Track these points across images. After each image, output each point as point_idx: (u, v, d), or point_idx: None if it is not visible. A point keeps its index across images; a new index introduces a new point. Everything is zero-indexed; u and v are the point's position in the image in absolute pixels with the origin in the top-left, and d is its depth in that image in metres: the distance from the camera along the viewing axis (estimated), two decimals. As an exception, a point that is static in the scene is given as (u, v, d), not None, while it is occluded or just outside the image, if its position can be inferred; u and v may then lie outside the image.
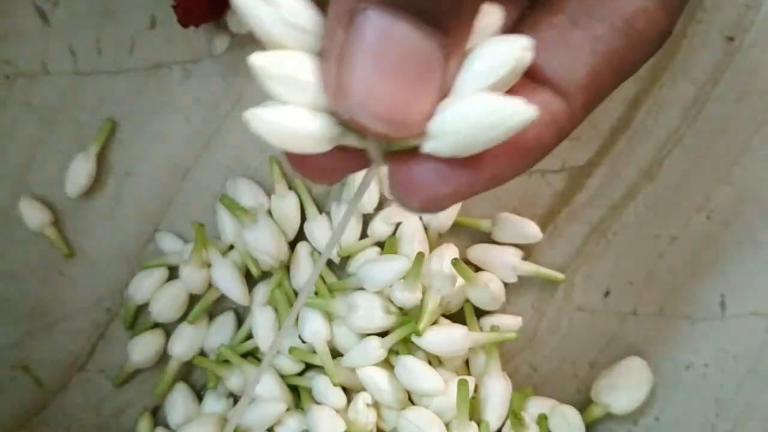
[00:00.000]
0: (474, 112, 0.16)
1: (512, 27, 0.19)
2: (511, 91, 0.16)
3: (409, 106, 0.16)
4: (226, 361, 0.33)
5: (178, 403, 0.34)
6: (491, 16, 0.17)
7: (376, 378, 0.32)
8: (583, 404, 0.33)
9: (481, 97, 0.16)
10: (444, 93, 0.16)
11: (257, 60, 0.16)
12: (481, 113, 0.16)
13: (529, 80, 0.17)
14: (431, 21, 0.15)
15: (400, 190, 0.17)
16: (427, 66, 0.16)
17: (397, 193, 0.17)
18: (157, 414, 0.35)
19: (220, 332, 0.34)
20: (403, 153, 0.17)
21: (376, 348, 0.31)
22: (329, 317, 0.33)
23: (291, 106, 0.16)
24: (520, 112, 0.16)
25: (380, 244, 0.34)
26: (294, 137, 0.16)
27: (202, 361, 0.34)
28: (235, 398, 0.34)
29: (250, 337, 0.34)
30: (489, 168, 0.17)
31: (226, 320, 0.35)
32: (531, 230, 0.33)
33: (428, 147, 0.17)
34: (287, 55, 0.16)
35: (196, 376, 0.35)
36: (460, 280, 0.32)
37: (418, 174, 0.17)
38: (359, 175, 0.32)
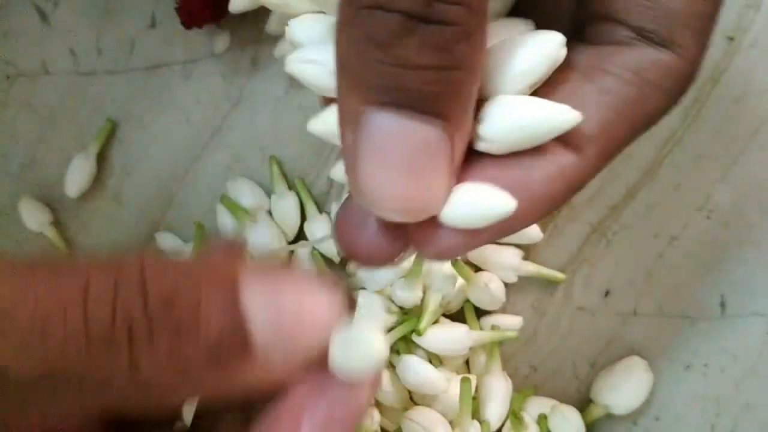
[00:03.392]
0: (521, 115, 0.17)
1: None
2: (515, 156, 0.18)
3: (422, 195, 0.17)
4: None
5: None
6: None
7: (377, 378, 0.32)
8: (583, 404, 0.33)
9: (528, 101, 0.17)
10: (454, 172, 0.17)
11: (315, 126, 0.19)
12: (529, 116, 0.17)
13: None
14: (431, 111, 0.16)
15: (418, 245, 0.18)
16: (433, 153, 0.16)
17: (415, 245, 0.18)
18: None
19: (220, 332, 0.34)
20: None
21: (377, 347, 0.31)
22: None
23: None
24: (565, 115, 0.17)
25: (380, 244, 0.34)
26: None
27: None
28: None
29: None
30: (496, 228, 0.18)
31: (226, 320, 0.34)
32: (531, 230, 0.33)
33: (481, 146, 0.18)
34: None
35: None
36: (460, 280, 0.32)
37: (436, 237, 0.18)
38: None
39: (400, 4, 0.15)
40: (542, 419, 0.32)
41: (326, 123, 0.19)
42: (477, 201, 0.17)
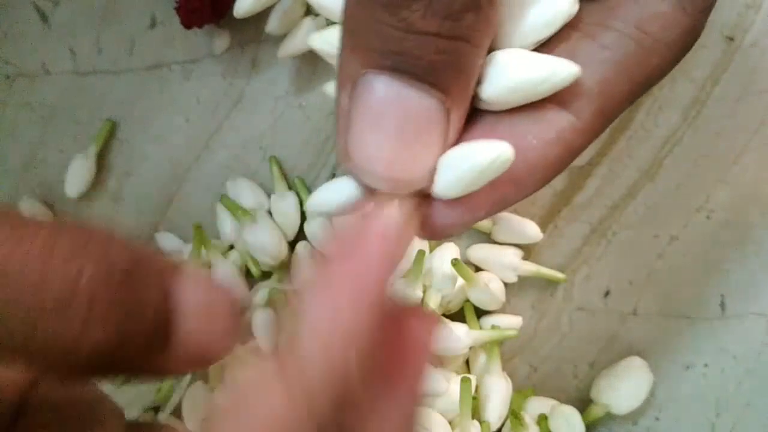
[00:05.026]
0: (519, 69, 0.17)
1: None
2: (508, 118, 0.17)
3: (408, 166, 0.16)
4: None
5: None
6: None
7: (376, 378, 0.32)
8: (583, 404, 0.33)
9: (526, 55, 0.17)
10: (448, 145, 0.17)
11: (315, 41, 0.18)
12: (527, 70, 0.17)
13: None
14: (430, 81, 0.16)
15: (420, 231, 0.18)
16: (427, 124, 0.16)
17: (421, 235, 0.18)
18: (157, 414, 0.35)
19: (220, 332, 0.34)
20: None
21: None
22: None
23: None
24: (564, 69, 0.16)
25: (380, 244, 0.34)
26: None
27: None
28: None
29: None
30: (494, 198, 0.17)
31: (226, 320, 0.35)
32: (531, 230, 0.33)
33: (480, 105, 0.17)
34: None
35: (195, 376, 0.35)
36: (460, 280, 0.32)
37: (428, 214, 0.17)
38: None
39: None
40: (542, 419, 0.32)
41: (326, 41, 0.18)
42: (470, 156, 0.16)
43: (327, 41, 0.19)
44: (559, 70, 0.16)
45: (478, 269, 0.34)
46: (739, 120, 0.33)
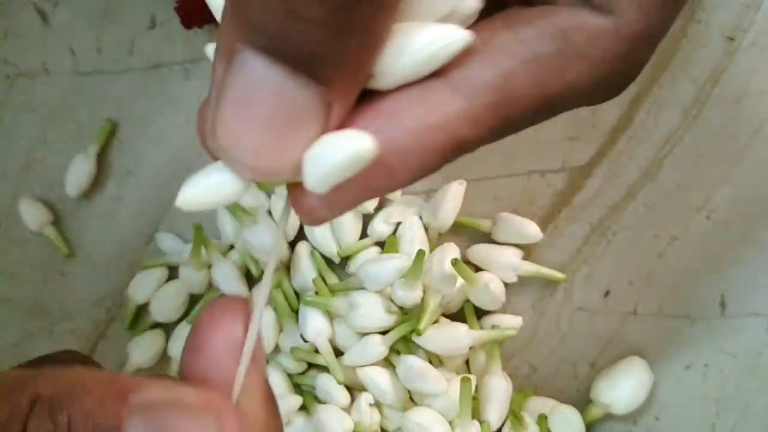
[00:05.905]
0: (403, 39, 0.15)
1: None
2: (390, 98, 0.15)
3: (274, 156, 0.15)
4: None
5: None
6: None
7: (377, 378, 0.32)
8: (583, 404, 0.33)
9: (412, 25, 0.15)
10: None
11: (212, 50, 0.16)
12: (410, 39, 0.15)
13: (431, 77, 0.16)
14: (309, 72, 0.14)
15: (299, 214, 0.17)
16: (302, 117, 0.14)
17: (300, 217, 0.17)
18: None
19: (220, 332, 0.34)
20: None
21: (378, 345, 0.31)
22: (330, 316, 0.33)
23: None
24: (451, 34, 0.15)
25: (380, 244, 0.34)
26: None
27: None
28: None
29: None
30: (361, 184, 0.16)
31: (226, 320, 0.35)
32: (531, 230, 0.33)
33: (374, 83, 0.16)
34: None
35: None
36: (460, 280, 0.32)
37: (303, 202, 0.16)
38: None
39: None
40: (542, 419, 0.32)
41: None
42: (330, 151, 0.15)
43: None
44: (448, 34, 0.15)
45: (478, 269, 0.34)
46: (739, 120, 0.33)
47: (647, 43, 0.16)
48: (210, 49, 0.17)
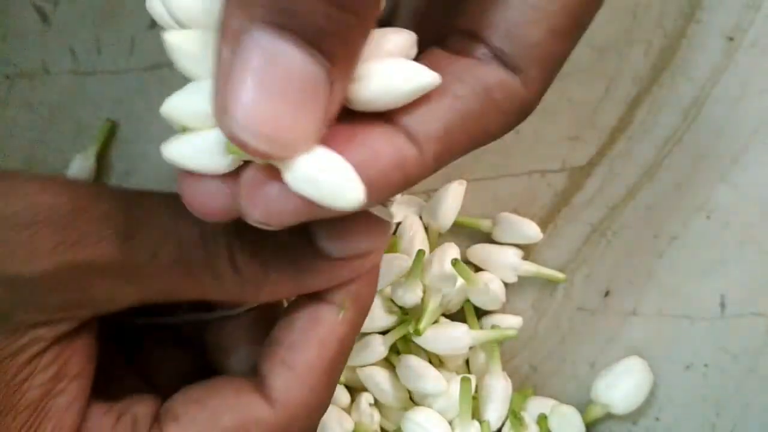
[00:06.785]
0: (385, 70, 0.17)
1: None
2: (365, 133, 0.18)
3: (291, 128, 0.16)
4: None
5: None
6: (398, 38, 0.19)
7: (377, 378, 0.32)
8: (583, 404, 0.33)
9: (394, 60, 0.18)
10: (327, 119, 0.17)
11: (171, 37, 0.18)
12: (391, 70, 0.17)
13: (389, 123, 0.18)
14: (316, 45, 0.15)
15: (248, 201, 0.18)
16: (310, 89, 0.16)
17: (245, 204, 0.18)
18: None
19: (220, 332, 0.34)
20: (264, 170, 0.17)
21: (378, 344, 0.31)
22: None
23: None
24: (426, 75, 0.18)
25: (380, 244, 0.34)
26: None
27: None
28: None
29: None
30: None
31: (226, 320, 0.34)
32: (531, 230, 0.33)
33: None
34: (201, 33, 0.18)
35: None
36: (460, 280, 0.32)
37: (270, 193, 0.17)
38: None
39: None
40: (542, 419, 0.32)
41: (187, 39, 0.19)
42: (317, 175, 0.16)
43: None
44: (422, 75, 0.17)
45: (478, 269, 0.34)
46: (738, 120, 0.33)
47: (541, 95, 0.20)
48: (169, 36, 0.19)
